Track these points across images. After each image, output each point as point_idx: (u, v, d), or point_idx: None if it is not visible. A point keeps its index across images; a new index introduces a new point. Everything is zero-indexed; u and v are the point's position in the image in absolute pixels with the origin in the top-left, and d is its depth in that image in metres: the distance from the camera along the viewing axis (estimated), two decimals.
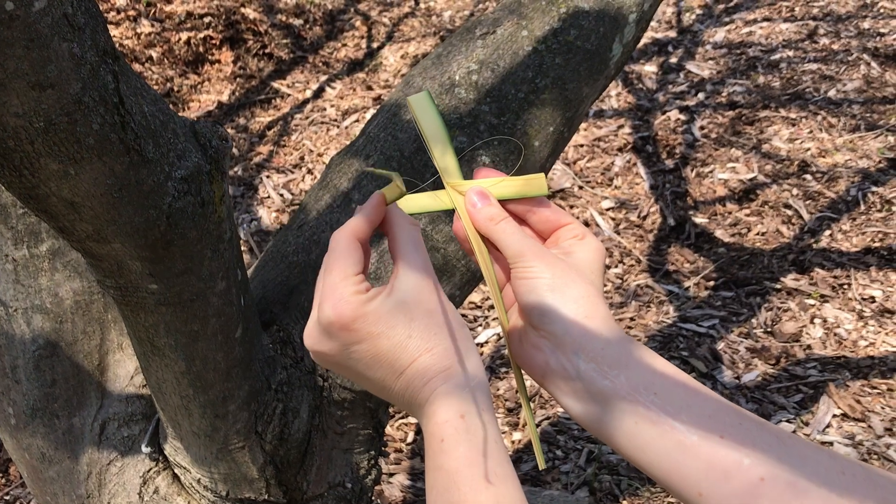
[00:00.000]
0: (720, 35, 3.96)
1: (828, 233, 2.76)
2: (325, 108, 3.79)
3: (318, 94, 3.91)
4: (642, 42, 4.02)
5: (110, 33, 0.58)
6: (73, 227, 0.64)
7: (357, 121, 3.68)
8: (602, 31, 1.02)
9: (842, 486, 0.47)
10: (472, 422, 0.51)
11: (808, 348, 2.35)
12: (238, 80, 3.94)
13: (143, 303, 0.75)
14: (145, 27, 3.91)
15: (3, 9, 0.47)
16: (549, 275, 0.58)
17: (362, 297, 0.54)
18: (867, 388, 2.19)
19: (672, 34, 4.06)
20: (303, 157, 3.49)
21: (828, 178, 2.97)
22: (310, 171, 3.41)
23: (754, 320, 2.48)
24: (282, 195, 3.29)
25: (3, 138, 0.54)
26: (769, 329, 2.44)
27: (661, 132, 3.37)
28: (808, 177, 2.99)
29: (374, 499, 1.93)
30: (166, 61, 3.88)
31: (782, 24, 3.94)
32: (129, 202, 0.63)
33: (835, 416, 2.14)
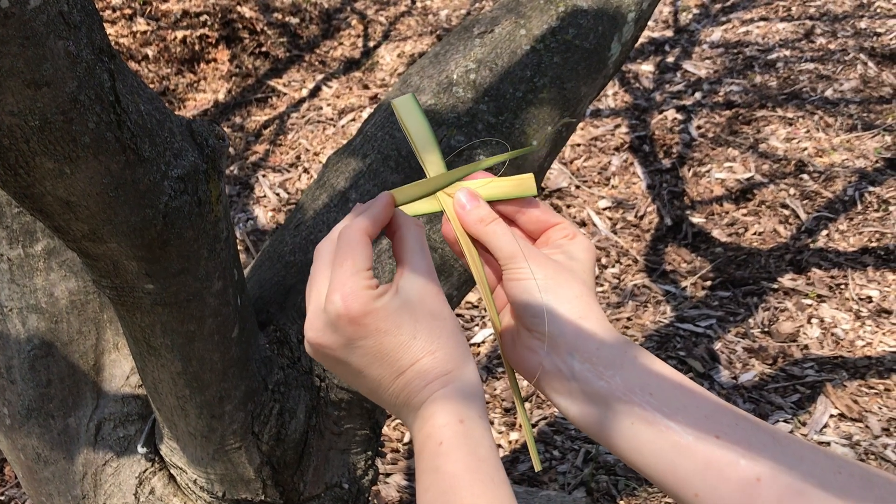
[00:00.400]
0: (717, 34, 3.96)
1: (825, 232, 2.76)
2: (321, 107, 3.79)
3: (315, 92, 3.91)
4: (639, 41, 4.02)
5: (106, 31, 0.58)
6: (68, 226, 0.64)
7: (353, 120, 3.67)
8: (600, 29, 1.02)
9: (838, 485, 0.47)
10: (471, 427, 0.51)
11: (806, 348, 2.36)
12: (234, 78, 3.93)
13: (139, 303, 0.75)
14: (141, 25, 3.90)
15: None
16: (541, 276, 0.57)
17: (373, 293, 0.53)
18: (864, 388, 2.20)
19: (669, 33, 4.06)
20: (299, 156, 3.49)
21: (825, 178, 2.97)
22: (306, 170, 3.40)
23: (751, 320, 2.48)
24: (278, 194, 3.28)
25: None
26: (766, 329, 2.44)
27: (658, 131, 3.37)
28: (805, 176, 3.00)
29: (370, 499, 1.93)
30: (162, 59, 3.87)
31: (779, 23, 3.94)
32: (125, 201, 0.63)
33: (832, 416, 2.14)
